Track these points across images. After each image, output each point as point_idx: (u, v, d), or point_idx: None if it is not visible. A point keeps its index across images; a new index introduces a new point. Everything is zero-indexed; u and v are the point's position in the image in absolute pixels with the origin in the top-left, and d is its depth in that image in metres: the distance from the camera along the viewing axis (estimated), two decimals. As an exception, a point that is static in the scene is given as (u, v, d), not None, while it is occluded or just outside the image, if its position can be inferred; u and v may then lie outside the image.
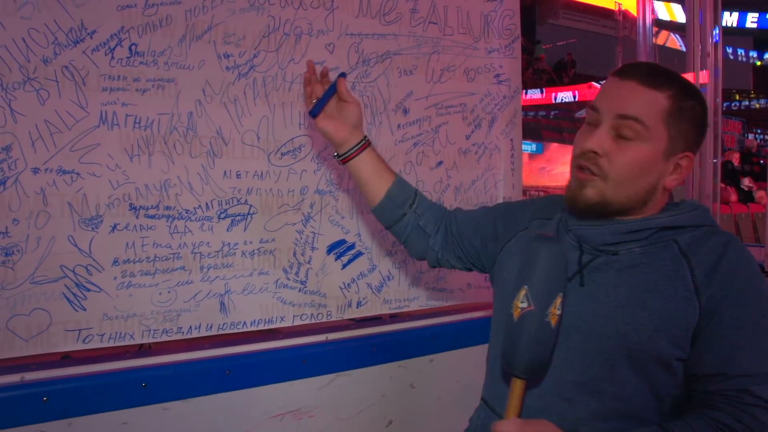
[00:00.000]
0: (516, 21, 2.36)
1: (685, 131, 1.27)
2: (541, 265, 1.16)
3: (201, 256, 1.74)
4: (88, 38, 1.57)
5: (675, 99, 1.25)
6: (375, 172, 1.65)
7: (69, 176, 1.55)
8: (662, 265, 1.26)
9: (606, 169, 1.26)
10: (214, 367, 1.72)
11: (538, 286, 1.16)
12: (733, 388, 1.18)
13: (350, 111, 1.61)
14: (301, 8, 1.88)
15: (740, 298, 1.21)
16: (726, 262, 1.22)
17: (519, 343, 1.17)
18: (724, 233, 1.30)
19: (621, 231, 1.30)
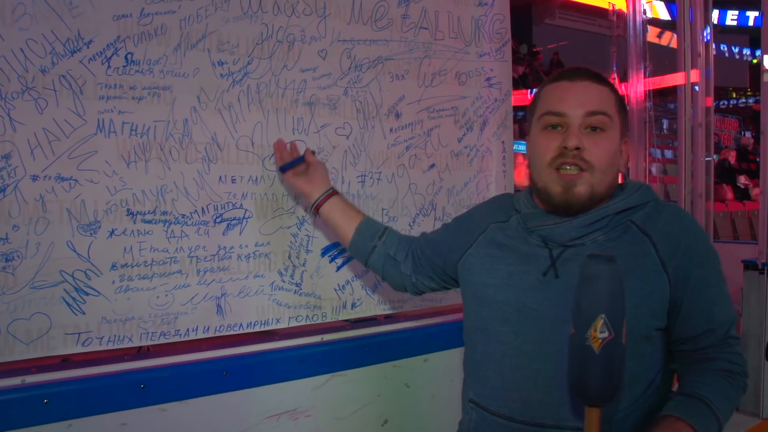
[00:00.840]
0: (506, 25, 2.39)
1: (625, 118, 1.44)
2: (611, 287, 1.14)
3: (197, 260, 1.78)
4: (84, 48, 1.60)
5: (615, 92, 1.40)
6: (344, 214, 1.83)
7: (67, 183, 1.59)
8: (627, 247, 1.35)
9: (591, 161, 1.35)
10: (211, 369, 1.75)
11: (614, 312, 1.14)
12: (720, 338, 1.35)
13: (315, 170, 1.82)
14: (294, 15, 1.91)
15: (701, 260, 1.36)
16: (681, 233, 1.36)
17: (600, 374, 1.15)
18: (669, 205, 1.44)
19: (584, 224, 1.38)
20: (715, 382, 1.31)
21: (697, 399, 1.28)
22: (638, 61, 3.66)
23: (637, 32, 3.72)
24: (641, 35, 3.78)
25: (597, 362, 1.13)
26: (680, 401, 1.30)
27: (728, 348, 1.36)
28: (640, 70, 3.67)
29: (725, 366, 1.33)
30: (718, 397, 1.29)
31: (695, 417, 1.25)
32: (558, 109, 1.37)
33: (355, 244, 1.83)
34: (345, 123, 2.02)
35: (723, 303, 1.38)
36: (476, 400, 1.50)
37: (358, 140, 2.05)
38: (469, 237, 1.61)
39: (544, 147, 1.39)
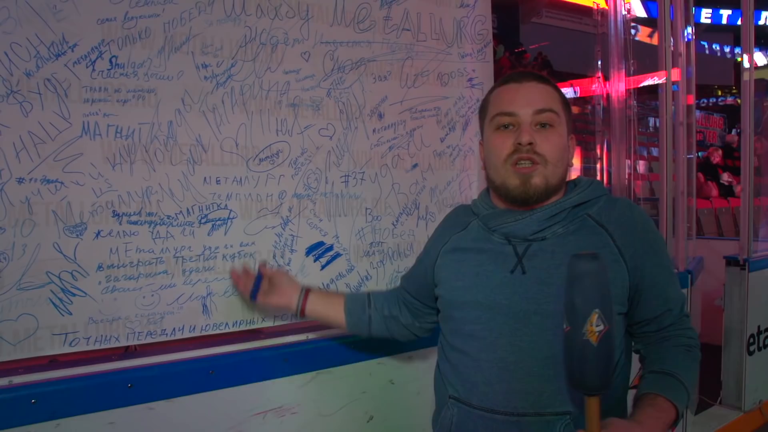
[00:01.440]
0: (488, 26, 2.43)
1: (570, 116, 1.53)
2: (600, 283, 1.22)
3: (183, 260, 1.80)
4: (69, 51, 1.61)
5: (559, 91, 1.50)
6: (328, 305, 1.86)
7: (53, 185, 1.60)
8: (587, 238, 1.43)
9: (543, 154, 1.43)
10: (197, 368, 1.77)
11: (606, 305, 1.22)
12: (677, 317, 1.49)
13: (279, 280, 1.85)
14: (277, 18, 1.93)
15: (652, 247, 1.47)
16: (634, 223, 1.47)
17: (599, 365, 1.22)
18: (621, 198, 1.55)
19: (543, 217, 1.45)
20: (679, 357, 1.45)
21: (668, 375, 1.40)
22: (619, 59, 3.69)
23: (618, 30, 3.74)
24: (622, 33, 3.81)
25: (597, 354, 1.21)
26: (654, 379, 1.41)
27: (684, 325, 1.50)
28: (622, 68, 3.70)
29: (684, 342, 1.47)
30: (684, 370, 1.42)
31: (670, 391, 1.37)
32: (509, 109, 1.47)
33: (351, 324, 1.85)
34: (328, 124, 2.05)
35: (674, 284, 1.51)
36: (457, 396, 1.53)
37: (341, 141, 2.07)
38: (434, 254, 1.67)
39: (500, 145, 1.47)
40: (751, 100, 4.54)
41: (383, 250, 2.19)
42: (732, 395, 4.38)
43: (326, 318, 1.88)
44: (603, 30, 5.24)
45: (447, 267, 1.60)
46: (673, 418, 1.37)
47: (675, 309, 1.49)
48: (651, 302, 1.47)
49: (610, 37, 3.79)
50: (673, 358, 1.44)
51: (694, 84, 4.13)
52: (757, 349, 4.44)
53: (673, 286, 1.50)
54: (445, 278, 1.59)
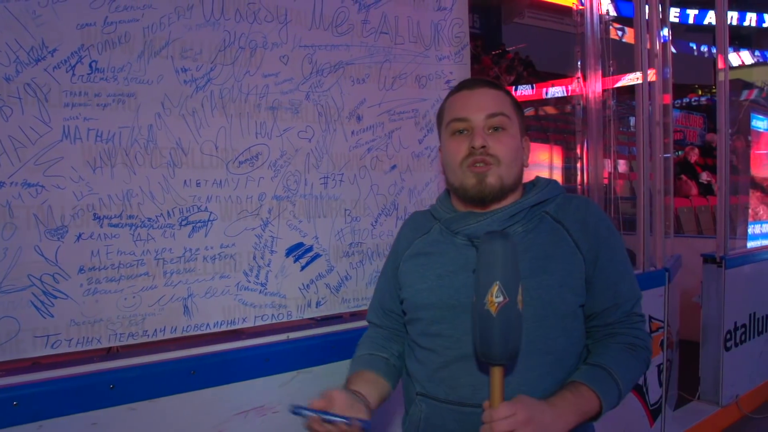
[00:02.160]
0: (465, 29, 2.46)
1: (522, 118, 1.59)
2: (504, 258, 1.28)
3: (164, 262, 1.82)
4: (49, 56, 1.63)
5: (510, 95, 1.57)
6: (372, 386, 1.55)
7: (34, 189, 1.62)
8: (546, 235, 1.50)
9: (497, 155, 1.49)
10: (179, 368, 1.79)
11: (508, 279, 1.27)
12: (624, 314, 1.52)
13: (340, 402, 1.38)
14: (256, 22, 1.96)
15: (608, 242, 1.51)
16: (590, 218, 1.52)
17: (499, 335, 1.27)
18: (577, 196, 1.60)
19: (504, 217, 1.51)
20: (618, 353, 1.47)
21: (600, 367, 1.44)
22: (596, 59, 3.74)
23: (595, 30, 3.79)
24: (599, 33, 3.85)
25: (495, 324, 1.27)
26: (585, 369, 1.46)
27: (632, 324, 1.52)
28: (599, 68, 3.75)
29: (629, 340, 1.49)
30: (619, 366, 1.44)
31: (597, 382, 1.41)
32: (462, 115, 1.53)
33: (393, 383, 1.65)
34: (307, 126, 2.07)
35: (627, 281, 1.54)
36: (424, 392, 1.55)
37: (320, 143, 2.10)
38: (396, 261, 1.68)
39: (455, 150, 1.53)
40: (727, 100, 4.61)
41: (362, 250, 2.22)
42: (710, 390, 4.45)
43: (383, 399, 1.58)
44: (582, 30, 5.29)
45: (411, 271, 1.62)
46: (595, 409, 1.40)
47: (624, 306, 1.52)
48: (600, 295, 1.51)
49: (587, 37, 3.83)
50: (612, 354, 1.47)
51: (670, 84, 4.18)
52: (734, 345, 4.51)
53: (625, 283, 1.53)
54: (410, 282, 1.61)
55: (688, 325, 4.71)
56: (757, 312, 4.80)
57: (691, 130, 17.99)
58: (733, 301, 4.45)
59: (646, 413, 3.55)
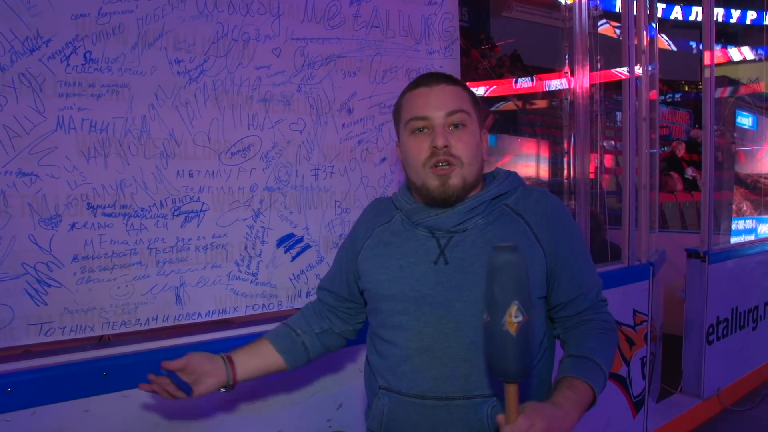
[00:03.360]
0: (455, 23, 2.48)
1: (480, 112, 1.58)
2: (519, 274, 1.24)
3: (156, 252, 1.84)
4: (43, 46, 1.64)
5: (468, 90, 1.56)
6: (258, 358, 1.67)
7: (28, 178, 1.63)
8: (505, 227, 1.51)
9: (458, 155, 1.49)
10: (171, 356, 1.76)
11: (524, 296, 1.24)
12: (591, 301, 1.57)
13: (194, 364, 1.56)
14: (249, 15, 1.97)
15: (567, 233, 1.55)
16: (549, 211, 1.55)
17: (519, 354, 1.24)
18: (537, 189, 1.62)
19: (464, 210, 1.52)
20: (596, 340, 1.52)
21: (586, 358, 1.48)
22: (584, 54, 3.75)
23: (583, 24, 3.80)
24: (587, 28, 3.87)
25: (516, 345, 1.23)
26: (573, 362, 1.49)
27: (600, 309, 1.58)
28: (586, 63, 3.77)
29: (600, 325, 1.55)
30: (599, 352, 1.49)
31: (588, 374, 1.45)
32: (422, 113, 1.51)
33: (290, 361, 1.71)
34: (299, 119, 2.10)
35: (590, 270, 1.59)
36: (387, 386, 1.57)
37: (311, 135, 2.12)
38: (357, 247, 1.67)
39: (416, 149, 1.51)
40: (712, 96, 4.65)
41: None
42: (692, 383, 4.50)
43: (265, 370, 1.68)
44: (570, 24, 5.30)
45: (371, 260, 1.61)
46: (591, 400, 1.44)
47: (590, 293, 1.56)
48: (566, 286, 1.54)
49: (574, 31, 3.85)
50: (590, 342, 1.51)
51: (657, 79, 4.21)
52: (716, 339, 4.57)
53: (588, 272, 1.58)
54: (369, 271, 1.61)
55: (671, 319, 4.76)
56: (739, 307, 4.86)
57: (677, 126, 18.09)
58: (716, 295, 4.51)
59: (630, 405, 3.60)
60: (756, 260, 5.13)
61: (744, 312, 4.94)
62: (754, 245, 5.27)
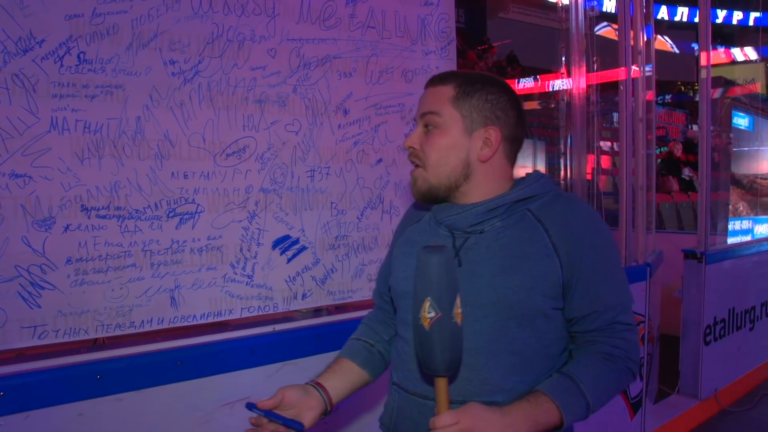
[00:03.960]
0: (451, 24, 2.48)
1: (478, 108, 1.46)
2: (436, 274, 1.27)
3: (151, 254, 1.83)
4: (37, 47, 1.63)
5: (460, 86, 1.47)
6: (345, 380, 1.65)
7: (21, 180, 1.62)
8: (522, 233, 1.44)
9: (423, 158, 1.47)
10: (166, 359, 1.80)
11: (440, 295, 1.27)
12: (605, 322, 1.43)
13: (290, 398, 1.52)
14: (244, 15, 1.96)
15: (592, 247, 1.43)
16: (574, 220, 1.44)
17: (435, 348, 1.28)
18: (567, 195, 1.52)
19: (481, 211, 1.47)
20: (591, 362, 1.41)
21: (566, 376, 1.39)
22: (580, 55, 3.75)
23: (579, 25, 3.80)
24: (584, 29, 3.87)
25: (430, 339, 1.28)
26: (553, 379, 1.40)
27: (614, 333, 1.43)
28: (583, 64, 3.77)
29: (607, 350, 1.42)
30: (589, 377, 1.39)
31: (560, 393, 1.36)
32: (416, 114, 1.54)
33: (372, 371, 1.69)
34: (294, 120, 2.09)
35: (611, 288, 1.45)
36: (398, 383, 1.57)
37: (307, 136, 2.11)
38: (392, 248, 1.70)
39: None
40: (709, 97, 4.65)
41: (348, 243, 2.24)
42: (689, 384, 4.49)
43: (353, 388, 1.67)
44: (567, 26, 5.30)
45: (397, 258, 1.63)
46: (554, 420, 1.35)
47: (605, 313, 1.43)
48: (579, 301, 1.43)
49: (571, 32, 3.85)
50: (584, 364, 1.42)
51: (654, 80, 4.21)
52: (714, 340, 4.57)
53: (608, 290, 1.44)
54: (394, 268, 1.62)
55: (668, 320, 4.76)
56: (736, 307, 4.86)
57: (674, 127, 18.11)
58: (713, 296, 4.50)
59: (627, 406, 3.59)
60: (753, 261, 5.14)
61: (741, 312, 4.94)
62: (751, 246, 5.27)
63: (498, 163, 1.49)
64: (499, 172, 1.50)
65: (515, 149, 1.53)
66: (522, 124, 1.53)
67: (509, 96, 1.50)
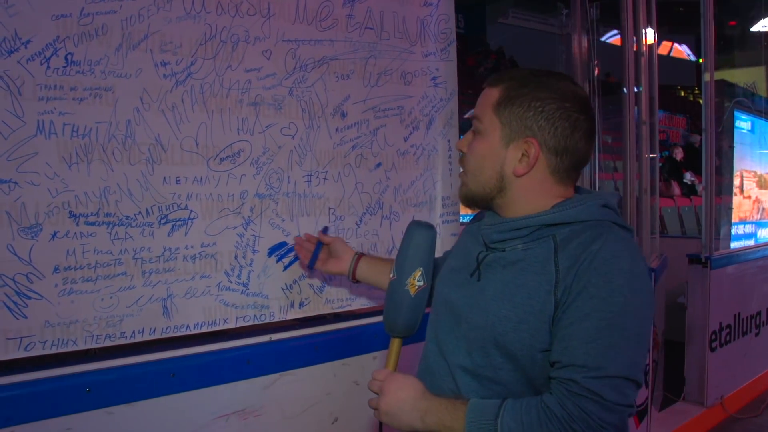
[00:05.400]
0: (451, 25, 2.43)
1: (519, 116, 1.35)
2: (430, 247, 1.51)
3: (142, 262, 1.77)
4: (22, 48, 1.57)
5: (506, 90, 1.37)
6: (377, 272, 1.92)
7: (6, 185, 1.56)
8: (534, 261, 1.32)
9: (465, 163, 1.45)
10: (158, 370, 1.74)
11: (428, 266, 1.50)
12: (564, 376, 1.23)
13: (335, 248, 1.97)
14: (237, 16, 1.91)
15: (592, 292, 1.23)
16: (586, 256, 1.25)
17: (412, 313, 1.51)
18: (602, 228, 1.31)
19: (503, 229, 1.39)
20: (527, 407, 1.25)
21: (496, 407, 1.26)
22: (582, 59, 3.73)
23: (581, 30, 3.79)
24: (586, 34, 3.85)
25: (411, 304, 1.50)
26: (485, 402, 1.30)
27: (568, 392, 1.21)
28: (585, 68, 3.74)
29: (551, 403, 1.22)
30: (514, 418, 1.24)
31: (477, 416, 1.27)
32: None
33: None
34: (290, 123, 2.03)
35: (591, 346, 1.21)
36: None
37: (303, 140, 2.06)
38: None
39: None
40: (712, 101, 4.61)
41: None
42: (695, 391, 4.45)
43: (375, 284, 1.94)
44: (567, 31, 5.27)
45: (450, 254, 1.64)
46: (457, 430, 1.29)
47: (568, 368, 1.23)
48: (554, 344, 1.27)
49: (573, 36, 3.82)
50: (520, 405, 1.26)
51: (656, 84, 4.18)
52: (719, 346, 4.52)
53: (585, 345, 1.22)
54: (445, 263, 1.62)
55: (672, 326, 4.71)
56: (741, 312, 4.82)
57: (674, 131, 18.09)
58: (718, 301, 4.46)
59: (632, 414, 3.53)
60: (758, 265, 5.10)
61: (746, 318, 4.90)
62: (756, 250, 5.23)
63: (540, 179, 1.37)
64: (540, 188, 1.38)
65: (568, 164, 1.37)
66: (580, 135, 1.35)
67: (561, 103, 1.34)
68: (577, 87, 1.40)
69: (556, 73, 1.40)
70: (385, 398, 1.39)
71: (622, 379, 1.21)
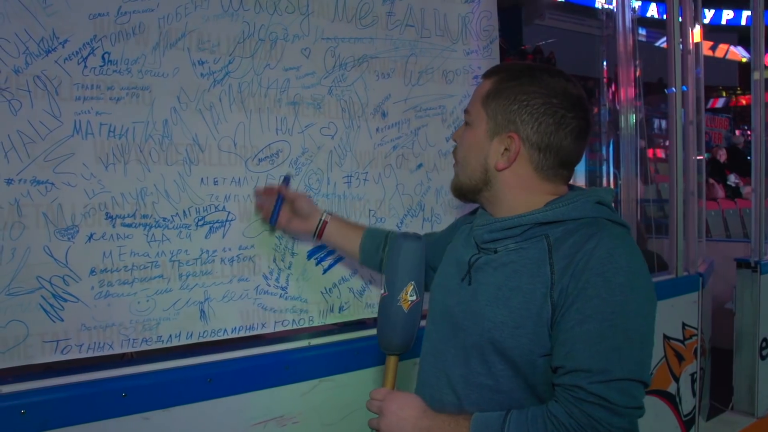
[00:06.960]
0: (493, 22, 2.37)
1: (504, 110, 1.33)
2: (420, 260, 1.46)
3: (179, 264, 1.74)
4: (60, 47, 1.56)
5: (497, 82, 1.36)
6: (344, 237, 1.89)
7: (43, 186, 1.55)
8: (528, 263, 1.28)
9: (456, 154, 1.46)
10: (195, 375, 1.71)
11: (419, 280, 1.45)
12: (569, 383, 1.18)
13: (300, 206, 1.85)
14: (276, 13, 1.88)
15: (591, 293, 1.19)
16: (582, 255, 1.21)
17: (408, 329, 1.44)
18: (596, 225, 1.27)
19: (495, 229, 1.35)
20: (532, 418, 1.20)
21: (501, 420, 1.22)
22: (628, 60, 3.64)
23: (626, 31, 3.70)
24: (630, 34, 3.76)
25: (406, 320, 1.44)
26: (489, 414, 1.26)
27: (574, 399, 1.17)
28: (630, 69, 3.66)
29: (559, 413, 1.17)
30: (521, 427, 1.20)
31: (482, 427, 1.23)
32: None
33: (363, 260, 1.90)
34: (330, 123, 2.00)
35: (593, 349, 1.18)
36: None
37: (343, 140, 2.03)
38: (450, 237, 1.63)
39: None
40: (762, 99, 4.48)
41: (387, 253, 2.14)
42: (744, 401, 4.31)
43: (340, 248, 1.94)
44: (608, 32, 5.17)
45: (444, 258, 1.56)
46: None
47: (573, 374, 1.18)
48: (555, 349, 1.23)
49: (618, 37, 3.74)
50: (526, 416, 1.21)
51: (702, 83, 4.08)
52: (770, 353, 4.38)
53: (588, 348, 1.18)
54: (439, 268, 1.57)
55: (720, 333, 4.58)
56: (792, 319, 4.66)
57: (716, 132, 17.76)
58: (769, 307, 4.32)
59: (679, 424, 3.43)
60: (809, 270, 4.93)
61: (798, 325, 4.74)
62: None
63: (522, 174, 1.35)
64: (525, 184, 1.35)
65: (553, 161, 1.34)
66: (565, 133, 1.32)
67: (547, 99, 1.31)
68: (570, 84, 1.35)
69: (551, 69, 1.37)
70: (385, 419, 1.34)
71: (630, 381, 1.16)
